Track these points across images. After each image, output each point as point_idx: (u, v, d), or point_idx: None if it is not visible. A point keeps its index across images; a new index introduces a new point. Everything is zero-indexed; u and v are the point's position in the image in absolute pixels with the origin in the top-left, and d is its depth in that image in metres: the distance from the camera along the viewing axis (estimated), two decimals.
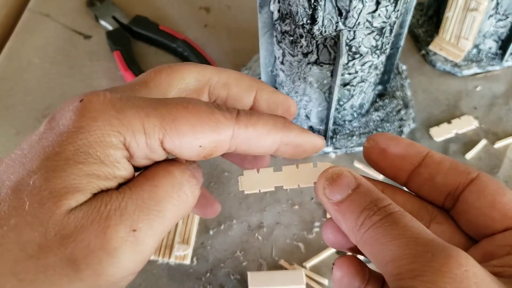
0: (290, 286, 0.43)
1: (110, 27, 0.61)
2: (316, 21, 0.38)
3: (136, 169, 0.23)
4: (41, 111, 0.56)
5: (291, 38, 0.42)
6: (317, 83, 0.45)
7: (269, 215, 0.48)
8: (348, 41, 0.40)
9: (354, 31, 0.39)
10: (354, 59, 0.42)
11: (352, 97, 0.47)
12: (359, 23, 0.38)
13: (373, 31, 0.39)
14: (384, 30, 0.40)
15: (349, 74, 0.44)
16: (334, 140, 0.51)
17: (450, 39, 0.56)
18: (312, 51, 0.41)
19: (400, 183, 0.26)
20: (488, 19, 0.54)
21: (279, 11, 0.41)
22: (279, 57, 0.46)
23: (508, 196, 0.23)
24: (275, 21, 0.42)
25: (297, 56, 0.43)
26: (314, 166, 0.26)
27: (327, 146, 0.51)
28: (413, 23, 0.60)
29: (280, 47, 0.44)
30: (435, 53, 0.57)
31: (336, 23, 0.38)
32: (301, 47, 0.41)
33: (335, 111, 0.48)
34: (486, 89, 0.56)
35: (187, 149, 0.22)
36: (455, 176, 0.25)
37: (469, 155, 0.51)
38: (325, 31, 0.39)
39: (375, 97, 0.54)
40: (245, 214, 0.48)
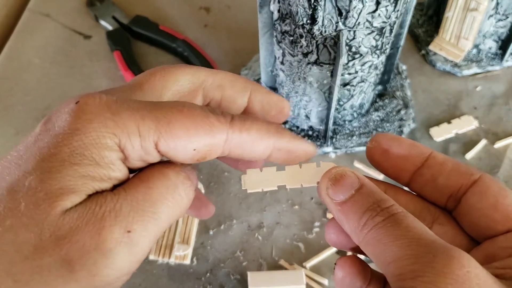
0: (290, 286, 0.43)
1: (110, 27, 0.61)
2: (316, 21, 0.38)
3: (131, 171, 0.23)
4: (40, 111, 0.56)
5: (291, 38, 0.42)
6: (317, 83, 0.45)
7: (269, 215, 0.48)
8: (348, 41, 0.40)
9: (354, 31, 0.39)
10: (354, 59, 0.42)
11: (352, 97, 0.47)
12: (359, 23, 0.38)
13: (373, 31, 0.39)
14: (384, 30, 0.40)
15: (349, 74, 0.44)
16: (334, 140, 0.51)
17: (450, 39, 0.56)
18: (312, 51, 0.41)
19: (402, 183, 0.26)
20: (488, 19, 0.54)
21: (279, 11, 0.41)
22: (279, 57, 0.46)
23: (511, 198, 0.23)
24: (275, 21, 0.42)
25: (297, 56, 0.43)
26: (317, 166, 0.26)
27: (327, 146, 0.51)
28: (413, 23, 0.60)
29: (280, 47, 0.44)
30: (435, 53, 0.57)
31: (336, 23, 0.38)
32: (301, 47, 0.41)
33: (335, 111, 0.48)
34: (486, 89, 0.56)
35: (181, 152, 0.22)
36: (457, 177, 0.25)
37: (469, 155, 0.51)
38: (325, 31, 0.39)
39: (375, 97, 0.54)
40: (245, 214, 0.48)
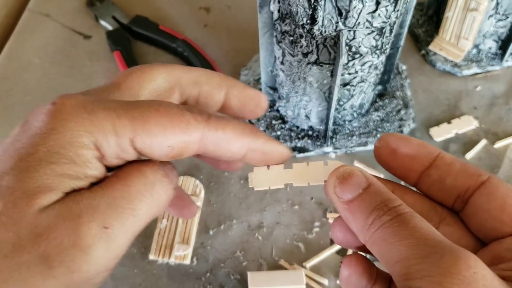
0: (290, 286, 0.43)
1: (110, 27, 0.61)
2: (316, 21, 0.38)
3: (110, 169, 0.24)
4: None
5: (291, 38, 0.42)
6: (317, 83, 0.45)
7: (269, 215, 0.48)
8: (348, 41, 0.40)
9: (354, 31, 0.39)
10: (354, 59, 0.42)
11: (352, 97, 0.47)
12: (359, 23, 0.38)
13: (373, 31, 0.39)
14: (384, 30, 0.40)
15: (349, 74, 0.44)
16: (334, 140, 0.51)
17: (450, 39, 0.57)
18: (312, 51, 0.41)
19: (410, 183, 0.26)
20: (488, 19, 0.54)
21: (279, 11, 0.41)
22: (279, 57, 0.46)
23: None
24: (275, 21, 0.42)
25: (297, 56, 0.43)
26: (324, 164, 0.26)
27: (327, 146, 0.51)
28: (413, 23, 0.60)
29: (280, 47, 0.44)
30: (435, 53, 0.57)
31: (336, 23, 0.38)
32: (301, 47, 0.42)
33: (335, 111, 0.48)
34: (486, 89, 0.56)
35: (156, 149, 0.23)
36: (465, 178, 0.25)
37: (469, 155, 0.51)
38: (325, 31, 0.39)
39: (375, 97, 0.54)
40: (245, 214, 0.48)
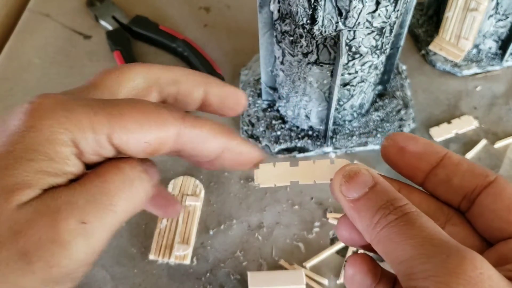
0: (290, 286, 0.43)
1: (110, 27, 0.61)
2: (316, 21, 0.38)
3: (89, 167, 0.24)
4: None
5: (291, 38, 0.42)
6: (317, 83, 0.45)
7: (269, 215, 0.48)
8: (348, 41, 0.40)
9: (354, 31, 0.39)
10: (354, 59, 0.42)
11: (352, 97, 0.47)
12: (359, 23, 0.38)
13: (373, 31, 0.39)
14: (384, 30, 0.40)
15: (349, 74, 0.44)
16: (334, 140, 0.51)
17: (450, 39, 0.57)
18: (312, 51, 0.41)
19: (416, 183, 0.26)
20: (488, 19, 0.54)
21: (279, 11, 0.41)
22: (279, 57, 0.46)
23: None
24: (275, 21, 0.42)
25: (297, 56, 0.43)
26: (331, 162, 0.26)
27: (327, 146, 0.51)
28: (413, 23, 0.60)
29: (280, 47, 0.44)
30: (435, 53, 0.57)
31: (336, 23, 0.38)
32: (301, 47, 0.42)
33: (335, 111, 0.48)
34: (486, 89, 0.56)
35: (134, 145, 0.23)
36: (472, 178, 0.24)
37: (469, 155, 0.51)
38: (325, 31, 0.39)
39: (375, 97, 0.54)
40: (245, 214, 0.48)
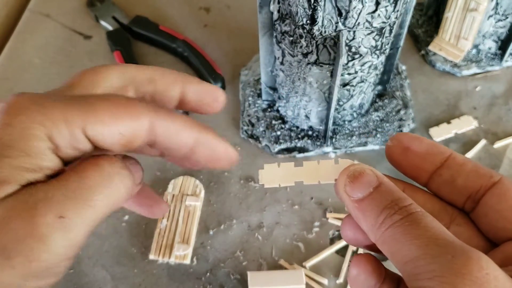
0: (290, 286, 0.43)
1: (110, 27, 0.61)
2: (316, 21, 0.38)
3: (70, 163, 0.24)
4: None
5: (291, 39, 0.42)
6: (316, 83, 0.45)
7: (269, 215, 0.48)
8: (347, 41, 0.40)
9: (354, 32, 0.39)
10: (353, 59, 0.42)
11: (352, 97, 0.47)
12: (358, 23, 0.38)
13: (372, 32, 0.39)
14: (383, 30, 0.40)
15: (349, 74, 0.44)
16: (334, 140, 0.51)
17: (449, 39, 0.57)
18: (312, 51, 0.41)
19: (421, 183, 0.26)
20: (488, 20, 0.54)
21: (279, 11, 0.41)
22: (279, 57, 0.46)
23: None
24: (275, 21, 0.42)
25: (297, 56, 0.43)
26: (335, 162, 0.26)
27: (327, 146, 0.51)
28: (412, 23, 0.60)
29: (280, 47, 0.44)
30: (434, 53, 0.58)
31: (336, 23, 0.38)
32: (301, 47, 0.42)
33: (334, 111, 0.48)
34: (485, 89, 0.56)
35: (108, 136, 0.23)
36: (476, 178, 0.24)
37: (469, 155, 0.51)
38: (325, 32, 0.39)
39: (375, 97, 0.54)
40: (245, 214, 0.49)
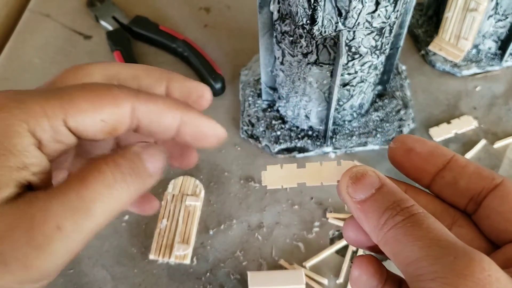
0: (290, 286, 0.43)
1: (110, 27, 0.61)
2: (316, 21, 0.38)
3: (59, 162, 0.24)
4: None
5: (291, 39, 0.42)
6: (316, 83, 0.45)
7: (269, 215, 0.48)
8: (347, 41, 0.40)
9: (354, 32, 0.39)
10: (353, 59, 0.42)
11: (352, 97, 0.47)
12: (358, 23, 0.38)
13: (372, 32, 0.39)
14: (383, 30, 0.40)
15: (349, 74, 0.44)
16: (334, 140, 0.51)
17: (449, 39, 0.57)
18: (312, 51, 0.41)
19: (423, 185, 0.26)
20: (488, 20, 0.54)
21: (279, 11, 0.41)
22: (279, 57, 0.46)
23: None
24: (275, 21, 0.42)
25: (296, 56, 0.43)
26: (338, 164, 0.26)
27: (327, 146, 0.51)
28: (412, 23, 0.60)
29: (280, 47, 0.44)
30: (434, 53, 0.58)
31: (335, 23, 0.38)
32: (300, 47, 0.42)
33: (334, 111, 0.48)
34: (485, 89, 0.56)
35: (90, 125, 0.23)
36: (479, 180, 0.25)
37: (469, 155, 0.51)
38: (324, 32, 0.39)
39: (375, 97, 0.54)
40: (245, 214, 0.49)
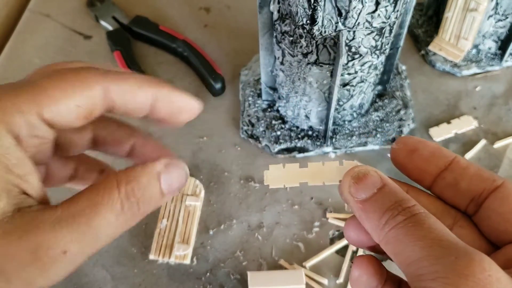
0: (290, 286, 0.43)
1: (110, 27, 0.61)
2: (316, 21, 0.38)
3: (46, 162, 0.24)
4: None
5: (291, 39, 0.42)
6: (316, 83, 0.45)
7: (269, 215, 0.48)
8: (347, 41, 0.40)
9: (354, 32, 0.39)
10: (353, 59, 0.42)
11: (352, 97, 0.47)
12: (358, 23, 0.38)
13: (372, 32, 0.39)
14: (383, 30, 0.40)
15: (349, 74, 0.44)
16: (334, 140, 0.51)
17: (449, 39, 0.57)
18: (312, 51, 0.41)
19: (424, 186, 0.27)
20: (488, 20, 0.54)
21: (279, 11, 0.41)
22: (279, 57, 0.46)
23: None
24: (275, 21, 0.42)
25: (296, 56, 0.43)
26: (340, 164, 0.26)
27: (327, 146, 0.51)
28: (412, 23, 0.60)
29: (280, 47, 0.44)
30: (434, 53, 0.58)
31: (335, 23, 0.38)
32: (300, 47, 0.42)
33: (334, 111, 0.48)
34: (485, 89, 0.56)
35: (65, 113, 0.23)
36: (480, 182, 0.25)
37: (469, 155, 0.51)
38: (324, 32, 0.39)
39: (375, 97, 0.54)
40: (245, 214, 0.49)
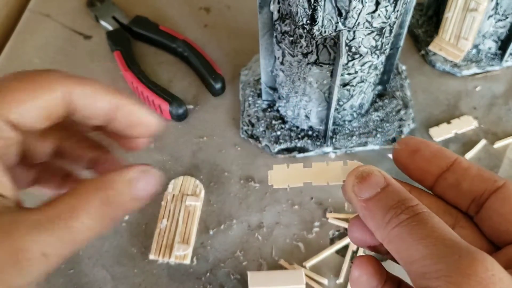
0: (290, 286, 0.43)
1: (110, 27, 0.61)
2: (316, 21, 0.38)
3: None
4: None
5: (291, 39, 0.42)
6: (316, 83, 0.45)
7: (269, 215, 0.48)
8: (347, 41, 0.40)
9: (354, 32, 0.39)
10: (353, 59, 0.42)
11: (352, 97, 0.47)
12: (358, 23, 0.38)
13: (372, 31, 0.39)
14: (383, 30, 0.40)
15: (349, 74, 0.44)
16: (334, 140, 0.51)
17: (449, 39, 0.57)
18: (312, 51, 0.41)
19: (426, 186, 0.27)
20: (488, 20, 0.54)
21: (279, 11, 0.41)
22: (279, 57, 0.46)
23: None
24: (275, 21, 0.42)
25: (297, 56, 0.43)
26: (344, 164, 0.27)
27: (327, 146, 0.51)
28: (412, 23, 0.60)
29: (280, 47, 0.44)
30: (434, 53, 0.58)
31: (335, 23, 0.38)
32: (301, 47, 0.42)
33: (334, 111, 0.48)
34: (485, 89, 0.56)
35: (31, 115, 0.23)
36: (481, 183, 0.25)
37: (469, 155, 0.51)
38: (324, 32, 0.39)
39: (375, 97, 0.54)
40: (245, 214, 0.49)
